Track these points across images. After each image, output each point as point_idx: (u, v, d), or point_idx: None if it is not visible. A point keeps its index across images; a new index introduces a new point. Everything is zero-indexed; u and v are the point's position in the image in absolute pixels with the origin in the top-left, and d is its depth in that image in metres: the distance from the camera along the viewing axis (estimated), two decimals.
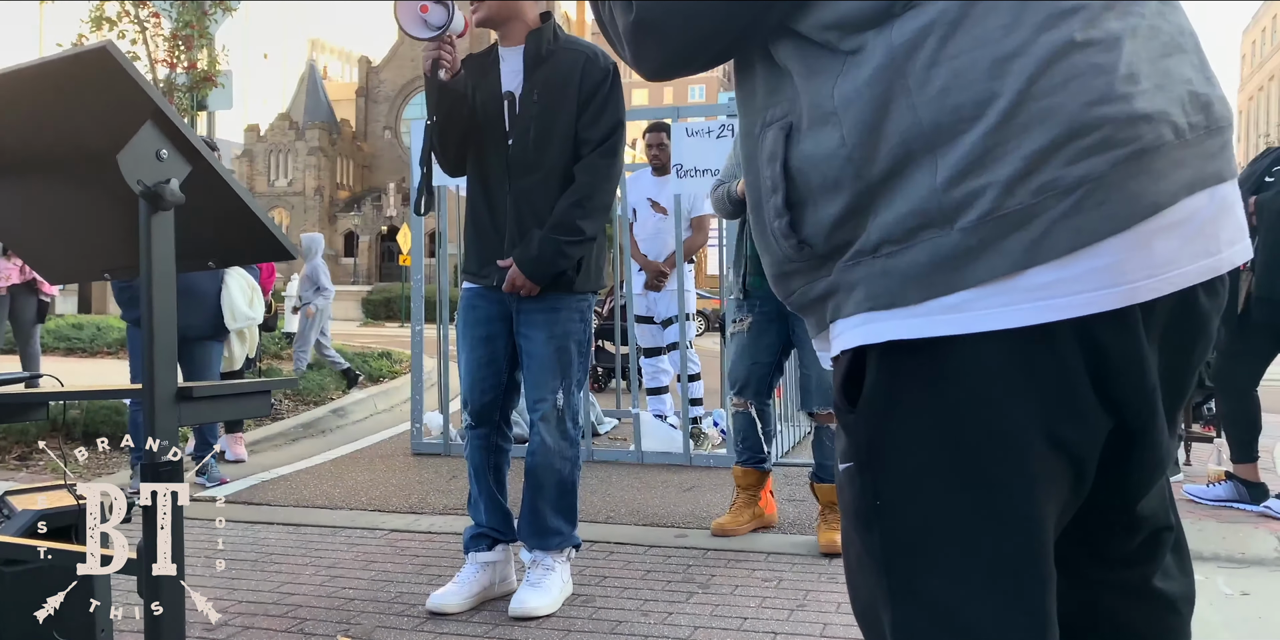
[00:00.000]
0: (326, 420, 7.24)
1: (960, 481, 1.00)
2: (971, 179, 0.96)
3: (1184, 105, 1.01)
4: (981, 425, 0.99)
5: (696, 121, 5.60)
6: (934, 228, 0.98)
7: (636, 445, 5.66)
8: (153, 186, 1.50)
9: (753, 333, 3.81)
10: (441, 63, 2.81)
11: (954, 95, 0.97)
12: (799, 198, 1.07)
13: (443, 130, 2.92)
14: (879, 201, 1.01)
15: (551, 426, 2.98)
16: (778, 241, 1.11)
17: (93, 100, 1.56)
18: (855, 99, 1.00)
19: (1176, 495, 4.50)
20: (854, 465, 1.08)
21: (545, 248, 2.87)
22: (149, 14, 8.30)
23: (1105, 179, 0.95)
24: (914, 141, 0.98)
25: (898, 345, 1.02)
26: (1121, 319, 0.99)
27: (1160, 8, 1.05)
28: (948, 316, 0.98)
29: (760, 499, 4.03)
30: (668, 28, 1.09)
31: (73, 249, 1.92)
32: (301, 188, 64.29)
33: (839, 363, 1.10)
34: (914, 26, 0.99)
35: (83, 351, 11.54)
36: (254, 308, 5.03)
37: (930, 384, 1.01)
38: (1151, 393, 1.05)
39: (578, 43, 3.01)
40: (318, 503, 4.59)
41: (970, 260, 0.97)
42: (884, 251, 1.01)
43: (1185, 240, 1.00)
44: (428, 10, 2.73)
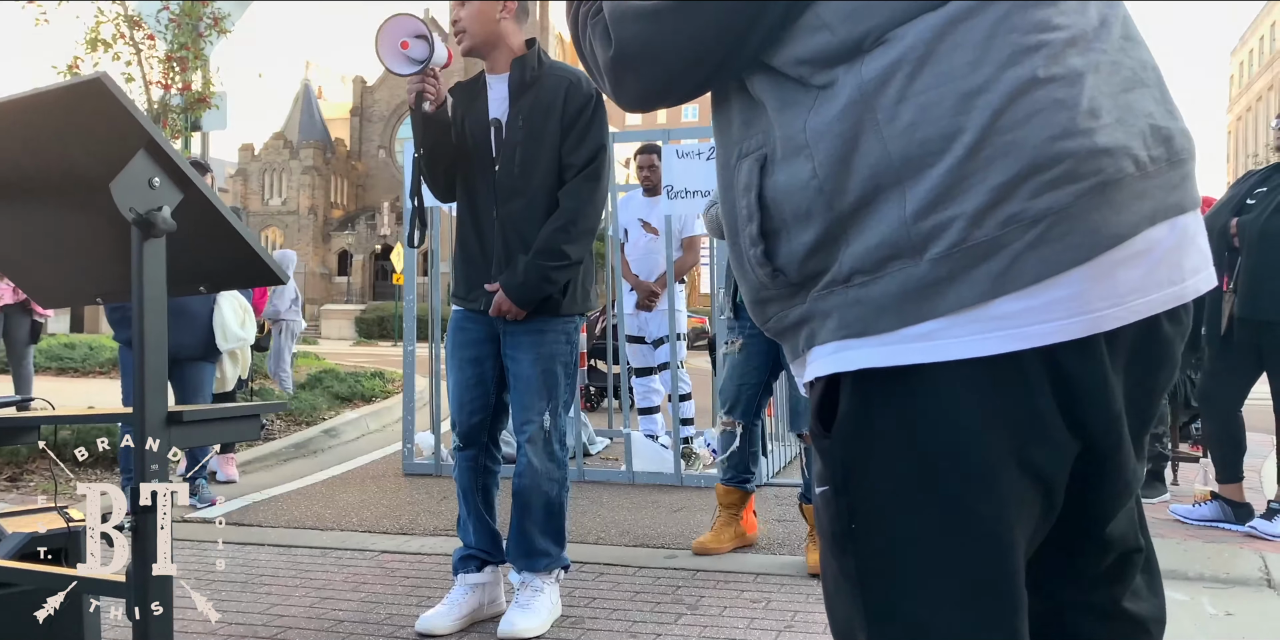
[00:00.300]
0: (318, 440, 7.24)
1: (932, 505, 1.03)
2: (939, 211, 0.99)
3: (1145, 138, 1.04)
4: (952, 450, 1.02)
5: (688, 143, 5.64)
6: (904, 258, 1.01)
7: (627, 465, 5.67)
8: (145, 214, 1.53)
9: (744, 354, 3.85)
10: (425, 95, 2.85)
11: (921, 129, 1.00)
12: (773, 227, 1.11)
13: (430, 160, 2.96)
14: (850, 232, 1.04)
15: (538, 448, 3.00)
16: (753, 269, 1.14)
17: (87, 129, 1.60)
18: (826, 132, 1.04)
19: (1163, 515, 4.54)
20: (830, 489, 1.10)
21: (531, 273, 2.90)
22: (144, 36, 8.35)
23: (1069, 211, 0.98)
24: (883, 174, 1.01)
25: (870, 372, 1.05)
26: (1086, 347, 1.02)
27: (1122, 43, 1.09)
28: (918, 345, 1.02)
29: (742, 518, 4.05)
30: (646, 62, 1.13)
31: (66, 274, 1.94)
32: (295, 207, 64.34)
33: (814, 388, 1.13)
34: (883, 63, 1.02)
35: (74, 371, 11.53)
36: (246, 328, 5.05)
37: (902, 410, 1.04)
38: (1117, 417, 1.08)
39: (562, 68, 3.05)
40: (308, 524, 4.59)
41: (940, 290, 1.00)
42: (856, 281, 1.04)
43: (1148, 270, 1.03)
44: (408, 46, 2.76)
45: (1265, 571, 3.60)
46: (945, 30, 1.02)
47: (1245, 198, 4.36)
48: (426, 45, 2.78)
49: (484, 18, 2.95)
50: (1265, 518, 4.20)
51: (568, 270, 2.95)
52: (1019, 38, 1.02)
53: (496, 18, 2.97)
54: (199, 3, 8.27)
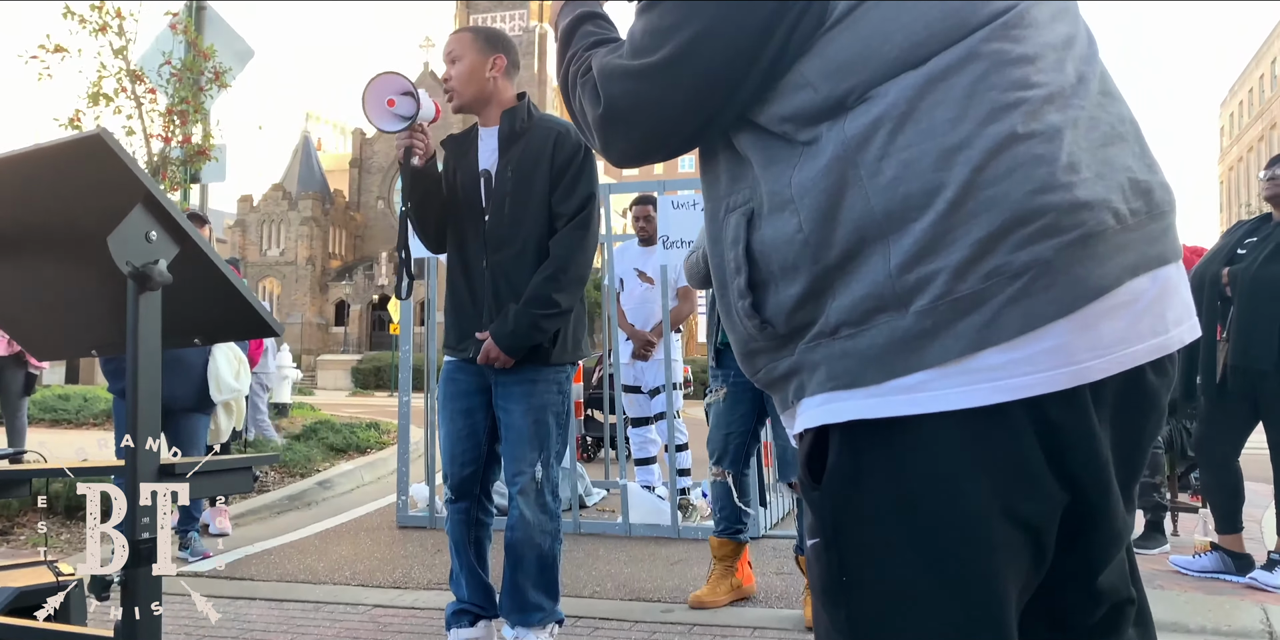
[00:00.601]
0: (312, 492, 7.19)
1: (922, 557, 1.03)
2: (924, 264, 1.01)
3: (1124, 192, 1.06)
4: (941, 502, 1.03)
5: (684, 194, 5.69)
6: (889, 311, 1.02)
7: (624, 517, 5.63)
8: (141, 267, 1.54)
9: (728, 402, 3.84)
10: (414, 150, 2.89)
11: (904, 185, 1.02)
12: (760, 280, 1.13)
13: (419, 212, 3.00)
14: (836, 285, 1.06)
15: (530, 500, 2.98)
16: (742, 321, 1.16)
17: (86, 183, 1.61)
18: (811, 188, 1.06)
19: (1163, 567, 4.50)
20: (820, 541, 1.11)
21: (521, 322, 2.91)
22: (145, 90, 8.45)
23: (1051, 264, 1.00)
24: (867, 228, 1.03)
25: (858, 424, 1.05)
26: (1072, 398, 1.03)
27: (1100, 99, 1.11)
28: (905, 397, 1.03)
29: (738, 570, 4.01)
30: (634, 119, 1.16)
31: (62, 326, 1.95)
32: (294, 257, 64.56)
33: (803, 440, 1.14)
34: (865, 120, 1.04)
35: (68, 423, 11.48)
36: (240, 380, 5.04)
37: (890, 462, 1.05)
38: (1104, 468, 1.08)
39: (551, 120, 3.09)
40: (301, 577, 4.54)
41: (925, 342, 1.01)
42: (843, 333, 1.06)
43: (1131, 321, 1.05)
44: (395, 104, 2.80)
45: (1267, 624, 3.57)
46: (926, 88, 1.04)
47: (1236, 247, 4.39)
48: (413, 102, 2.82)
49: (474, 76, 3.00)
50: (1266, 569, 4.17)
51: (557, 319, 2.95)
52: (998, 95, 1.04)
53: (486, 76, 3.01)
54: (200, 57, 8.39)
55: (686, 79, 1.12)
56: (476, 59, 3.00)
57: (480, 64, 3.00)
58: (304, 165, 68.11)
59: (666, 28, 1.12)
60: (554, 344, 3.00)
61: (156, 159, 8.37)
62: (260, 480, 7.19)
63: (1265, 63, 53.42)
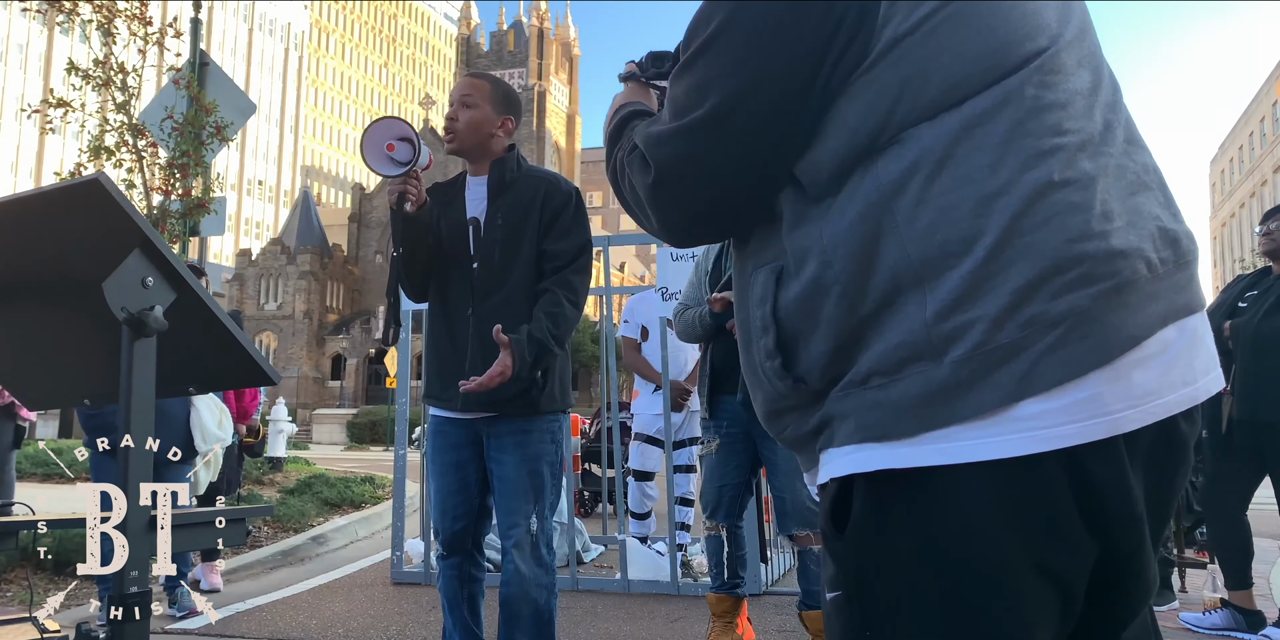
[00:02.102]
0: (306, 547, 7.08)
1: (949, 611, 1.00)
2: (960, 312, 0.99)
3: (1154, 241, 1.05)
4: (970, 556, 1.00)
5: None
6: (924, 360, 1.00)
7: (623, 573, 5.53)
8: (136, 314, 1.51)
9: (720, 454, 3.78)
10: (408, 196, 2.87)
11: (941, 231, 1.01)
12: (790, 337, 1.10)
13: (408, 260, 2.97)
14: (869, 334, 1.04)
15: (525, 554, 2.91)
16: (770, 381, 1.13)
17: (83, 229, 1.59)
18: (847, 237, 1.04)
19: (1172, 623, 4.41)
20: (842, 595, 1.07)
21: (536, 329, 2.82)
22: (147, 144, 8.51)
23: (1088, 312, 0.98)
24: (903, 276, 1.01)
25: (885, 472, 1.03)
26: (1106, 448, 1.01)
27: (1126, 147, 1.10)
28: (937, 446, 1.00)
29: (738, 626, 3.93)
30: (686, 180, 1.13)
31: (53, 375, 1.91)
32: (291, 311, 64.63)
33: (826, 490, 1.11)
34: (901, 165, 1.03)
35: (60, 477, 11.35)
36: (223, 428, 4.99)
37: (918, 513, 1.02)
38: (1139, 520, 1.06)
39: (540, 171, 3.09)
40: (293, 635, 4.44)
41: (961, 393, 0.99)
42: (874, 383, 1.03)
43: (1163, 371, 1.03)
44: (394, 149, 2.80)
45: None
46: (962, 134, 1.03)
47: (1237, 301, 4.39)
48: (411, 148, 2.81)
49: (481, 129, 3.00)
50: (1278, 626, 4.09)
51: (558, 343, 2.89)
52: (1034, 142, 1.03)
53: (491, 133, 3.02)
54: (203, 112, 8.46)
55: (735, 130, 1.09)
56: (490, 113, 3.00)
57: (491, 119, 3.00)
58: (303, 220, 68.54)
59: (708, 81, 1.10)
60: (543, 391, 2.95)
61: (156, 211, 8.40)
62: (253, 535, 7.09)
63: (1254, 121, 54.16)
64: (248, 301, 64.87)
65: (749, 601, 4.32)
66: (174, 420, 4.78)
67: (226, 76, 9.11)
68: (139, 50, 8.69)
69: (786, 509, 3.66)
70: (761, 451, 3.70)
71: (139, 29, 8.69)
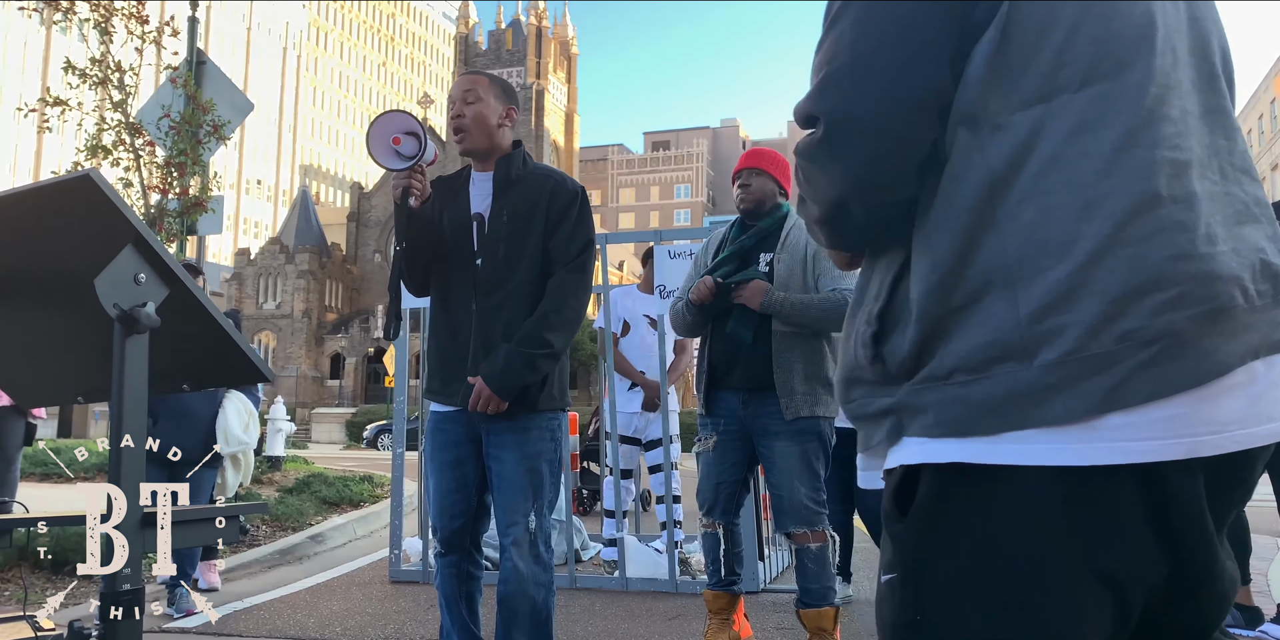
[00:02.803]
0: (304, 546, 7.08)
1: (1004, 608, 1.02)
2: (1055, 316, 0.99)
3: (1255, 271, 1.05)
4: (1032, 555, 1.01)
5: (679, 244, 5.68)
6: (1012, 361, 1.00)
7: (621, 572, 5.53)
8: (128, 310, 1.51)
9: (717, 452, 3.77)
10: (413, 190, 2.87)
11: (1042, 231, 1.01)
12: (891, 316, 1.11)
13: (411, 254, 2.96)
14: (953, 328, 1.04)
15: (524, 551, 2.90)
16: (857, 348, 1.14)
17: (75, 225, 1.59)
18: (950, 227, 1.05)
19: None
20: (897, 577, 1.09)
21: (512, 360, 2.85)
22: (144, 143, 8.50)
23: (1184, 334, 0.98)
24: (996, 272, 1.02)
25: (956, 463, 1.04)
26: (1185, 467, 1.01)
27: (1237, 176, 1.10)
28: (1016, 447, 1.01)
29: (735, 623, 3.92)
30: (853, 132, 1.09)
31: (47, 372, 1.91)
32: (290, 310, 64.61)
33: (893, 473, 1.12)
34: (1006, 152, 1.03)
35: (58, 476, 11.34)
36: (249, 432, 4.98)
37: (984, 506, 1.03)
38: (1211, 537, 1.07)
39: (545, 168, 3.09)
40: (291, 633, 4.44)
41: (1047, 398, 0.99)
42: (956, 379, 1.03)
43: (1250, 402, 1.03)
44: (400, 142, 2.79)
45: None
46: (1073, 136, 1.03)
47: None
48: (417, 142, 2.80)
49: (487, 123, 2.99)
50: (1276, 622, 4.09)
51: (550, 360, 2.90)
52: (1145, 153, 1.03)
53: (497, 124, 3.01)
54: (200, 110, 8.45)
55: (886, 57, 1.08)
56: (493, 105, 3.00)
57: (496, 110, 3.01)
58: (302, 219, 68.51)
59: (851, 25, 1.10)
60: (542, 389, 2.95)
61: (154, 210, 8.40)
62: (251, 534, 7.09)
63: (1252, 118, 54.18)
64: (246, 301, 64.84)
65: (746, 599, 4.32)
66: (199, 420, 4.77)
67: (224, 75, 9.10)
68: (136, 49, 8.69)
69: (784, 507, 3.65)
70: (759, 448, 3.69)
71: (136, 27, 8.68)
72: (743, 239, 3.84)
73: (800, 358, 3.61)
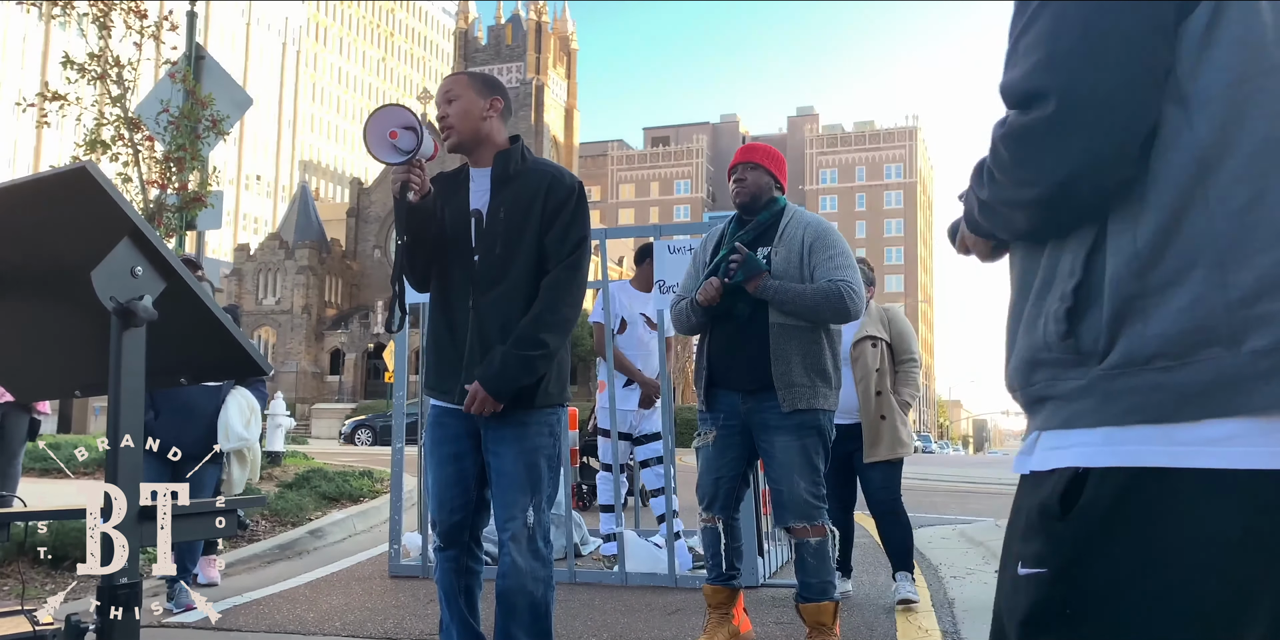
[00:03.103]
0: (304, 541, 7.08)
1: (1163, 613, 0.98)
2: (1267, 302, 0.97)
3: None
4: (1203, 566, 0.97)
5: (679, 239, 5.67)
6: (1218, 346, 0.98)
7: (620, 566, 5.53)
8: (125, 303, 1.50)
9: (717, 446, 3.77)
10: (411, 185, 2.86)
11: (1255, 213, 0.98)
12: (1085, 292, 1.08)
13: (411, 249, 2.96)
14: (1151, 309, 1.01)
15: (522, 546, 2.90)
16: (1047, 325, 1.10)
17: (71, 218, 1.58)
18: (1155, 203, 1.03)
19: None
20: (1048, 572, 1.06)
21: (509, 363, 2.85)
22: (143, 137, 8.49)
23: None
24: (1202, 252, 0.99)
25: (1144, 467, 1.00)
26: None
27: None
28: (1214, 449, 0.97)
29: (735, 617, 3.92)
30: (1097, 91, 1.05)
31: (44, 365, 1.90)
32: (289, 306, 64.62)
33: (1056, 472, 1.08)
34: (1219, 132, 1.01)
35: (58, 472, 11.34)
36: (250, 428, 4.97)
37: (1161, 512, 0.99)
38: None
39: (544, 164, 3.08)
40: (290, 628, 4.44)
41: (1257, 386, 0.96)
42: (1157, 364, 1.01)
43: None
44: (397, 136, 2.79)
45: None
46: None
47: None
48: (415, 136, 2.80)
49: (470, 116, 3.00)
50: None
51: (546, 360, 2.90)
52: None
53: (482, 116, 3.01)
54: (199, 105, 8.44)
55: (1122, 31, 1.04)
56: (474, 99, 3.00)
57: (478, 105, 3.00)
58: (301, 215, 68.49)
59: (1075, 5, 1.07)
60: (540, 386, 2.95)
61: (153, 205, 8.38)
62: (251, 529, 7.09)
63: None
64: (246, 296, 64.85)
65: (746, 594, 4.32)
66: (202, 415, 4.77)
67: (223, 70, 9.09)
68: (135, 44, 8.67)
69: (784, 501, 3.65)
70: (759, 443, 3.68)
71: (135, 22, 8.67)
72: (740, 234, 3.84)
73: (798, 350, 3.60)
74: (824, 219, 3.93)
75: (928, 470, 21.57)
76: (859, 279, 3.70)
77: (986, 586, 5.36)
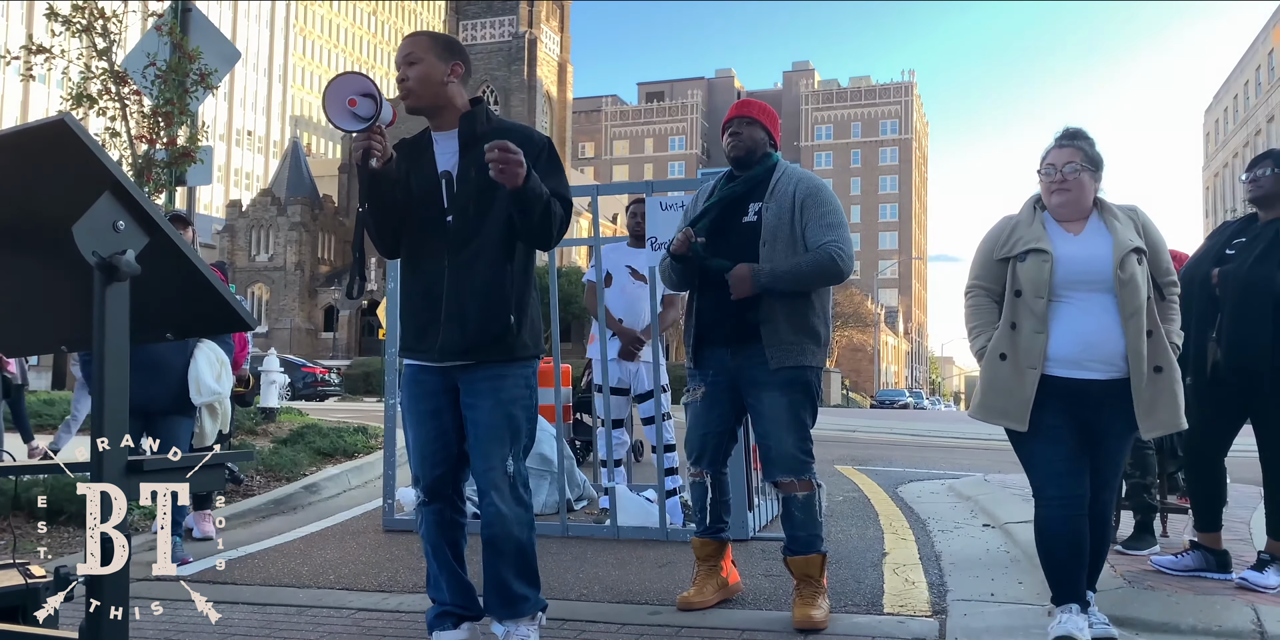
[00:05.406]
0: (298, 496, 7.13)
1: None
2: None
3: None
4: None
5: (672, 195, 5.65)
6: None
7: (612, 520, 5.58)
8: (108, 258, 1.50)
9: (706, 402, 3.79)
10: (373, 151, 2.87)
11: None
12: None
13: (377, 216, 2.97)
14: None
15: (505, 494, 2.96)
16: None
17: (51, 172, 1.57)
18: None
19: (1145, 566, 4.47)
20: None
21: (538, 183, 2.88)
22: (130, 91, 8.39)
23: None
24: None
25: None
26: None
27: None
28: None
29: (723, 569, 3.97)
30: None
31: (27, 321, 1.90)
32: (282, 263, 64.42)
33: None
34: None
35: (51, 428, 11.37)
36: (221, 382, 4.98)
37: None
38: None
39: (511, 124, 3.10)
40: (285, 581, 4.49)
41: None
42: None
43: None
44: (356, 104, 2.78)
45: (1258, 624, 3.54)
46: None
47: (1225, 248, 4.37)
48: (373, 103, 2.80)
49: (430, 81, 3.00)
50: (1256, 569, 4.15)
51: (550, 211, 2.93)
52: None
53: (443, 81, 3.01)
54: (186, 59, 8.34)
55: None
56: (435, 64, 3.00)
57: (439, 69, 3.01)
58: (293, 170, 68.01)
59: None
60: (518, 336, 2.97)
61: (141, 161, 8.32)
62: (246, 484, 7.13)
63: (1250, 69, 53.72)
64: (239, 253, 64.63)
65: (736, 547, 4.37)
66: (171, 371, 4.77)
67: (210, 23, 8.98)
68: None
69: (772, 457, 3.68)
70: (746, 399, 3.70)
71: None
72: (731, 186, 3.83)
73: (784, 307, 3.61)
74: (815, 175, 3.91)
75: (919, 426, 21.74)
76: (848, 236, 3.70)
77: (974, 540, 5.43)
